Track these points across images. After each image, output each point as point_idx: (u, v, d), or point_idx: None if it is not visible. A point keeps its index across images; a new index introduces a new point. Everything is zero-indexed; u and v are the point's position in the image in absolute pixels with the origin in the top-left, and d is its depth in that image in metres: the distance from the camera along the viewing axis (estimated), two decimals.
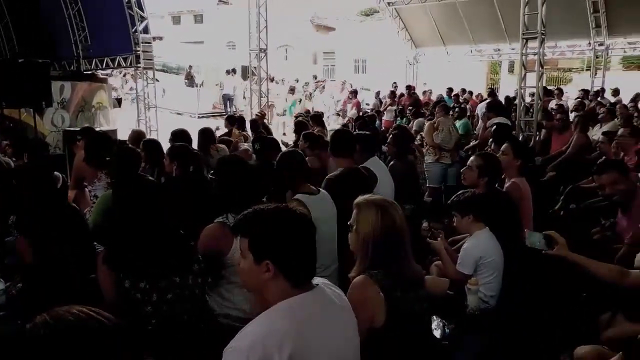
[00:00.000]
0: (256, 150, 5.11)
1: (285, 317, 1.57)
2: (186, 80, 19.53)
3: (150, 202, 2.37)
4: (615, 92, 13.42)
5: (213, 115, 17.75)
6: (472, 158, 3.84)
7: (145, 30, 10.89)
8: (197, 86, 19.21)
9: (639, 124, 7.48)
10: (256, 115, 10.23)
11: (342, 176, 3.68)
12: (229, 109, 17.51)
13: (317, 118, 8.77)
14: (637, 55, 20.88)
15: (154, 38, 11.97)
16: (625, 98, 13.32)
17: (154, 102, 11.64)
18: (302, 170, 3.28)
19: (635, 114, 8.65)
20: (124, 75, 15.12)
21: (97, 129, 7.01)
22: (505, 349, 2.98)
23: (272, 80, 15.92)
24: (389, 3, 16.10)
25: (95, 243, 2.90)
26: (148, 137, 7.46)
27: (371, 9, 31.60)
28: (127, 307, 2.26)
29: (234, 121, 8.39)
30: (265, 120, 11.05)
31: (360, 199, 2.15)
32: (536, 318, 3.26)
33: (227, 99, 18.03)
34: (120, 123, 11.64)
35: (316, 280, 1.71)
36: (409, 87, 14.77)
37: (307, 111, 13.32)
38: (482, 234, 3.13)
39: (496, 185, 3.82)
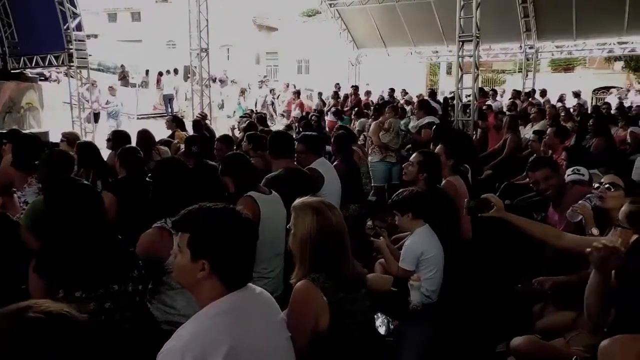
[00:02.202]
0: (193, 152, 4.99)
1: (219, 315, 1.57)
2: (120, 81, 18.81)
3: (84, 207, 2.27)
4: (543, 92, 14.20)
5: (153, 117, 17.24)
6: (413, 154, 3.95)
7: (79, 27, 10.43)
8: (135, 86, 18.58)
9: (572, 125, 7.89)
10: (197, 116, 9.98)
11: (280, 177, 3.67)
12: (170, 110, 17.05)
13: (261, 119, 8.71)
14: (563, 58, 22.20)
15: (88, 36, 11.46)
16: (554, 98, 14.16)
17: (89, 103, 11.16)
18: (249, 172, 3.25)
19: (563, 114, 9.13)
20: (111, 87, 13.53)
21: (27, 131, 6.64)
22: (447, 341, 3.08)
23: (214, 80, 15.64)
24: (330, 4, 16.22)
25: None
26: (83, 139, 7.16)
27: (313, 10, 31.73)
28: None
29: (179, 122, 8.16)
30: (208, 121, 10.83)
31: (297, 202, 2.16)
32: (474, 310, 3.38)
33: (168, 100, 17.55)
34: (98, 138, 10.19)
35: None
36: (355, 88, 14.96)
37: (251, 110, 13.19)
38: (422, 230, 3.20)
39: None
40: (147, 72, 20.38)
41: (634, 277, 1.71)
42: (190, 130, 8.20)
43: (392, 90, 14.86)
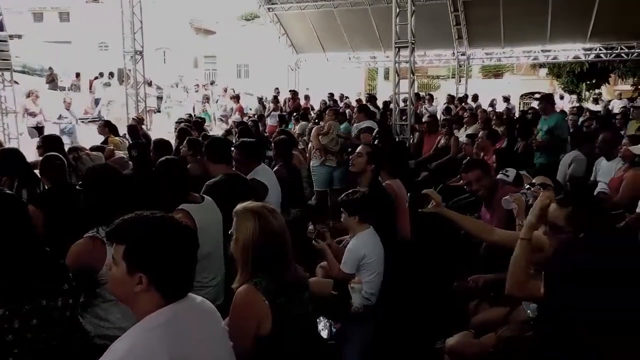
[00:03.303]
0: (133, 157, 4.83)
1: (156, 328, 1.52)
2: (48, 84, 17.84)
3: (6, 216, 2.12)
4: (475, 97, 14.85)
5: (83, 121, 16.44)
6: (360, 146, 3.98)
7: (0, 27, 9.80)
8: (64, 89, 17.69)
9: (503, 130, 8.24)
10: (132, 120, 9.63)
11: (220, 183, 3.62)
12: (102, 114, 16.34)
13: (198, 124, 8.55)
14: (493, 65, 23.34)
15: (11, 36, 10.80)
16: (485, 103, 14.85)
17: (13, 107, 10.49)
18: (184, 179, 3.17)
19: (494, 118, 9.52)
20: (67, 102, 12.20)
21: None
22: (388, 341, 3.14)
23: (149, 84, 15.16)
24: (269, 8, 16.18)
25: None
26: (7, 145, 6.73)
27: (252, 14, 31.57)
28: None
29: (112, 128, 7.82)
30: (144, 126, 10.50)
31: (238, 207, 2.14)
32: (414, 309, 3.47)
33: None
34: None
35: None
36: (293, 92, 14.99)
37: (190, 115, 12.92)
38: (366, 234, 3.22)
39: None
40: (77, 74, 19.48)
41: (566, 277, 1.69)
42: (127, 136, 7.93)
43: (332, 95, 15.04)
